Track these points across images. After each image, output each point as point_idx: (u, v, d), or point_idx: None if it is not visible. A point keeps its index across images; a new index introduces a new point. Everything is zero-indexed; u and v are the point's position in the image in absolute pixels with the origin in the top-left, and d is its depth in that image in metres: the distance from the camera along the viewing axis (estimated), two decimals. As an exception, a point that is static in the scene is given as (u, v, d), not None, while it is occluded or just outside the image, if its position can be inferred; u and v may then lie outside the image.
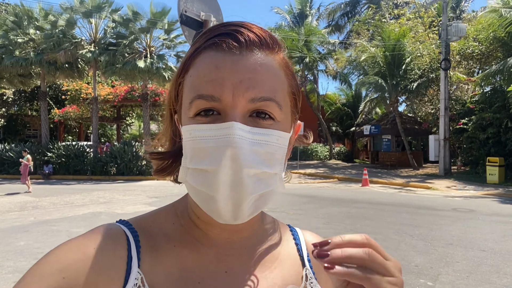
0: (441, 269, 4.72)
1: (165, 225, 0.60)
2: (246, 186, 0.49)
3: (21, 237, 6.29)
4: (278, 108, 0.52)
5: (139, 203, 9.96)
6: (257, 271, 0.60)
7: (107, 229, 0.55)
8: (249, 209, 0.51)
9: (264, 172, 0.51)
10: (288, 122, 0.57)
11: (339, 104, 31.20)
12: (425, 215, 8.41)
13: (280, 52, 0.56)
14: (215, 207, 0.50)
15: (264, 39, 0.54)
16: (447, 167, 17.90)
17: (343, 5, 33.81)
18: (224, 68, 0.50)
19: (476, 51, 19.04)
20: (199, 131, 0.51)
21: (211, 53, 0.52)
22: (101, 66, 18.11)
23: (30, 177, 13.51)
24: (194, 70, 0.53)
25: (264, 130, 0.51)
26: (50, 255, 0.51)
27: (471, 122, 17.24)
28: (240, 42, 0.51)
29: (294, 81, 0.58)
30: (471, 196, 11.88)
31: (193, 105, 0.51)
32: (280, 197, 10.97)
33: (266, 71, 0.52)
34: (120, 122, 30.67)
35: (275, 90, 0.53)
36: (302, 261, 0.66)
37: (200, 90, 0.51)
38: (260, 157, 0.51)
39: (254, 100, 0.50)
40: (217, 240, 0.60)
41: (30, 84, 22.17)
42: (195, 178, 0.51)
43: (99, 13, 18.04)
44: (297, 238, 0.70)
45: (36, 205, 9.63)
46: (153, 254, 0.55)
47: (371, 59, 20.36)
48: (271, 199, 0.55)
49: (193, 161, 0.51)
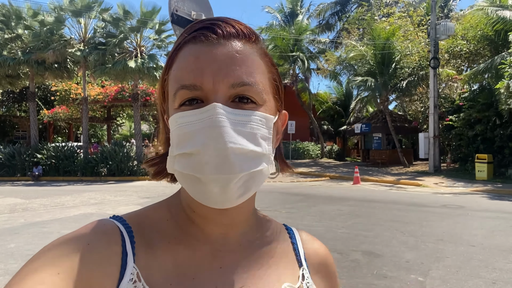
0: (431, 264, 4.78)
1: (159, 221, 0.60)
2: (233, 164, 0.49)
3: (11, 239, 6.22)
4: (259, 93, 0.53)
5: (131, 203, 9.91)
6: (252, 268, 0.60)
7: (101, 225, 0.55)
8: (238, 190, 0.51)
9: (251, 150, 0.51)
10: (272, 107, 0.57)
11: (330, 103, 31.34)
12: (415, 211, 8.51)
13: (258, 42, 0.57)
14: (203, 189, 0.51)
15: (241, 30, 0.55)
16: (436, 164, 18.11)
17: (333, 4, 33.98)
18: (203, 57, 0.52)
19: (465, 50, 19.28)
20: (183, 118, 0.52)
21: (190, 46, 0.54)
22: (91, 66, 17.93)
23: (20, 178, 13.34)
24: (176, 64, 0.55)
25: (245, 111, 0.52)
26: (44, 250, 0.50)
27: (459, 119, 17.43)
28: (217, 33, 0.53)
29: (274, 68, 0.59)
30: (461, 193, 12.04)
31: (177, 96, 0.53)
32: (272, 195, 11.00)
33: (245, 58, 0.53)
34: (110, 123, 30.42)
35: (254, 75, 0.54)
36: (298, 260, 0.66)
37: (183, 80, 0.52)
38: (245, 136, 0.51)
39: (234, 86, 0.51)
40: (212, 236, 0.59)
41: (18, 84, 21.84)
42: (181, 163, 0.52)
43: (88, 12, 17.87)
44: (293, 237, 0.70)
45: (26, 207, 9.52)
46: (148, 249, 0.55)
47: (360, 57, 20.48)
48: (262, 180, 0.55)
49: (179, 146, 0.52)
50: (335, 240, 5.94)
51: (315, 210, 8.65)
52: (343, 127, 29.32)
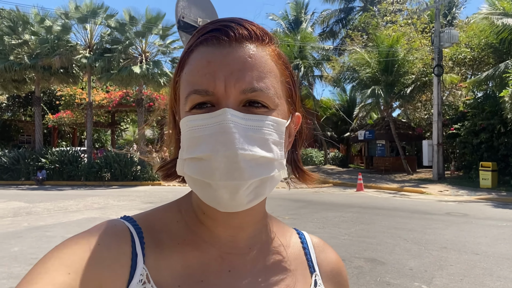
0: (435, 272, 4.75)
1: (169, 223, 0.60)
2: (242, 171, 0.48)
3: (15, 243, 6.24)
4: (271, 97, 0.53)
5: (134, 208, 9.92)
6: (261, 273, 0.59)
7: (112, 225, 0.55)
8: (248, 196, 0.51)
9: (262, 157, 0.50)
10: (284, 111, 0.57)
11: (334, 109, 31.32)
12: (419, 219, 8.46)
13: (271, 44, 0.57)
14: (213, 194, 0.50)
15: (254, 32, 0.54)
16: (440, 172, 18.02)
17: (338, 12, 34.11)
18: (215, 62, 0.52)
19: (468, 57, 19.26)
20: (194, 121, 0.51)
21: (202, 49, 0.53)
22: (96, 71, 18.07)
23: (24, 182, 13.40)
24: (188, 67, 0.54)
25: (257, 116, 0.51)
26: (55, 250, 0.50)
27: (463, 127, 17.39)
28: (229, 36, 0.52)
29: (288, 71, 0.59)
30: (465, 201, 11.97)
31: (188, 100, 0.52)
32: (275, 202, 10.98)
33: (256, 62, 0.53)
34: (114, 128, 30.54)
35: (266, 80, 0.53)
36: (310, 266, 0.65)
37: (194, 85, 0.52)
38: (255, 142, 0.50)
39: (245, 91, 0.51)
40: (221, 238, 0.59)
41: (24, 89, 22.04)
42: (191, 168, 0.51)
43: (94, 18, 18.04)
44: (305, 242, 0.69)
45: (30, 211, 9.56)
46: (157, 250, 0.55)
47: (363, 62, 20.49)
48: (273, 186, 0.54)
49: (189, 150, 0.52)
50: (338, 247, 5.92)
51: (318, 217, 8.63)
52: (347, 133, 29.26)
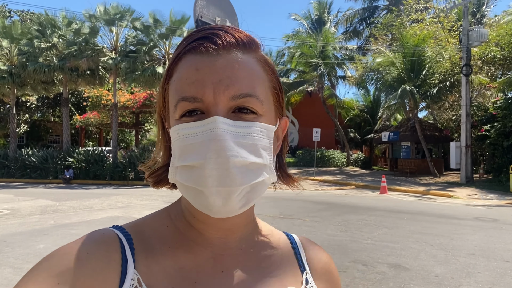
0: (462, 279, 4.57)
1: (159, 228, 0.60)
2: (234, 177, 0.50)
3: (41, 240, 6.42)
4: (259, 103, 0.54)
5: (156, 208, 10.00)
6: (254, 272, 0.60)
7: (100, 234, 0.56)
8: (240, 201, 0.52)
9: (252, 163, 0.52)
10: (272, 116, 0.58)
11: (357, 110, 30.91)
12: (445, 224, 8.20)
13: (258, 50, 0.58)
14: (206, 201, 0.51)
15: (241, 39, 0.55)
16: (469, 175, 17.46)
17: (362, 11, 33.64)
18: (203, 69, 0.52)
19: (498, 56, 18.59)
20: (184, 129, 0.52)
21: (190, 57, 0.54)
22: (121, 73, 18.47)
23: (52, 180, 13.81)
24: (176, 75, 0.55)
25: (246, 123, 0.53)
26: (44, 261, 0.50)
27: (493, 128, 16.80)
28: (217, 43, 0.53)
29: (275, 77, 0.60)
30: (494, 205, 11.54)
31: (177, 107, 0.53)
32: (297, 203, 10.89)
33: (244, 68, 0.54)
34: (138, 128, 31.12)
35: (255, 86, 0.54)
36: (300, 265, 0.66)
37: (183, 92, 0.53)
38: (245, 148, 0.51)
39: (234, 98, 0.52)
40: (213, 240, 0.60)
41: (53, 90, 22.77)
42: (183, 175, 0.52)
43: (120, 21, 18.44)
44: (294, 242, 0.70)
45: (56, 209, 9.83)
46: (149, 255, 0.56)
47: (388, 63, 20.10)
48: (263, 190, 0.56)
49: (181, 158, 0.53)
50: (360, 251, 5.80)
51: (340, 220, 8.49)
52: (370, 135, 28.80)
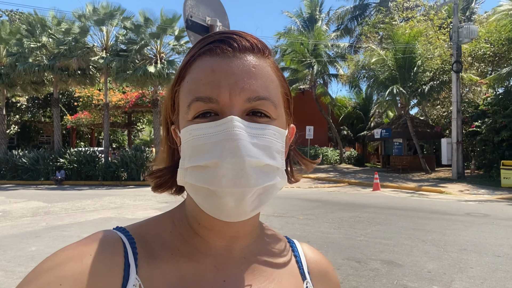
0: (454, 275, 4.62)
1: (162, 233, 0.59)
2: (249, 177, 0.49)
3: (32, 242, 6.35)
4: (273, 107, 0.54)
5: (150, 208, 10.00)
6: (256, 282, 0.59)
7: (104, 236, 0.55)
8: (252, 203, 0.51)
9: (267, 164, 0.51)
10: (283, 121, 0.58)
11: (350, 107, 31.02)
12: (438, 219, 8.27)
13: (270, 57, 0.58)
14: (218, 203, 0.50)
15: (256, 45, 0.56)
16: (460, 170, 17.63)
17: (353, 9, 33.70)
18: (219, 70, 0.52)
19: (488, 53, 18.77)
20: (198, 130, 0.51)
21: (206, 58, 0.54)
22: (112, 72, 18.33)
23: (43, 182, 13.68)
24: (190, 76, 0.54)
25: (261, 125, 0.52)
26: (47, 262, 0.50)
27: (484, 124, 16.97)
28: (233, 46, 0.54)
29: (285, 83, 0.60)
30: (485, 200, 11.66)
31: (191, 108, 0.52)
32: (290, 202, 10.91)
33: (260, 72, 0.54)
34: (131, 128, 30.95)
35: (270, 90, 0.54)
36: (301, 274, 0.66)
37: (198, 92, 0.52)
38: (260, 150, 0.51)
39: (250, 100, 0.52)
40: (216, 248, 0.59)
41: (43, 91, 22.55)
42: (194, 176, 0.51)
43: (111, 20, 18.28)
44: (296, 250, 0.70)
45: (48, 211, 9.74)
46: (151, 261, 0.55)
47: (380, 62, 20.20)
48: (274, 194, 0.55)
49: (192, 159, 0.52)
50: (353, 248, 5.82)
51: (333, 217, 8.52)
52: (363, 132, 28.94)
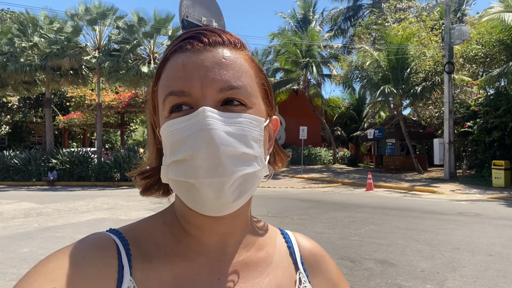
0: (447, 274, 4.66)
1: (155, 234, 0.60)
2: (225, 166, 0.49)
3: (25, 244, 6.29)
4: (247, 95, 0.54)
5: (143, 209, 9.96)
6: (250, 277, 0.60)
7: (97, 238, 0.55)
8: (233, 194, 0.50)
9: (243, 153, 0.51)
10: (262, 111, 0.58)
11: (343, 108, 31.14)
12: (430, 219, 8.33)
13: (243, 49, 0.59)
14: (197, 195, 0.50)
15: (227, 39, 0.57)
16: (452, 170, 17.78)
17: (346, 10, 33.85)
18: (190, 64, 0.53)
19: (480, 54, 18.96)
20: (174, 125, 0.52)
21: (177, 55, 0.55)
22: (105, 72, 18.21)
23: (35, 183, 13.54)
24: (164, 74, 0.55)
25: (235, 114, 0.52)
26: (40, 265, 0.50)
27: (476, 125, 17.13)
28: (203, 41, 0.54)
29: (262, 74, 0.60)
30: (477, 200, 11.78)
31: (165, 103, 0.53)
32: (284, 202, 10.92)
33: (232, 63, 0.54)
34: (124, 128, 30.77)
35: (242, 79, 0.54)
36: (295, 264, 0.66)
37: (171, 87, 0.53)
38: (236, 138, 0.51)
39: (222, 90, 0.52)
40: (209, 246, 0.59)
41: (35, 91, 22.31)
42: (175, 171, 0.51)
43: (103, 20, 18.16)
44: (289, 241, 0.70)
45: (40, 212, 9.65)
46: (145, 262, 0.55)
47: (375, 63, 20.30)
48: (256, 183, 0.54)
49: (172, 154, 0.52)
50: (348, 248, 5.85)
51: (327, 217, 8.55)
52: (356, 132, 29.07)
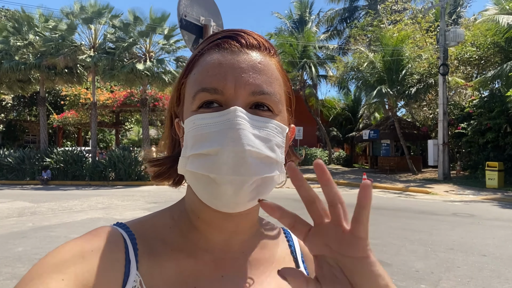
0: (442, 274, 4.69)
1: (162, 229, 0.60)
2: (249, 166, 0.49)
3: (19, 243, 6.25)
4: (276, 102, 0.55)
5: (138, 208, 9.92)
6: (253, 276, 0.60)
7: (105, 232, 0.56)
8: (250, 194, 0.51)
9: (267, 156, 0.52)
10: (285, 118, 0.59)
11: (339, 109, 31.23)
12: (425, 220, 8.39)
13: (276, 56, 0.60)
14: (216, 190, 0.51)
15: (262, 43, 0.58)
16: (446, 171, 17.89)
17: (342, 11, 33.97)
18: (226, 64, 0.54)
19: (474, 56, 19.10)
20: (202, 120, 0.52)
21: (213, 53, 0.56)
22: (100, 71, 18.12)
23: (29, 182, 13.44)
24: (197, 69, 0.56)
25: (263, 118, 0.53)
26: (49, 257, 0.50)
27: (470, 126, 17.25)
28: (241, 43, 0.56)
29: (289, 83, 0.62)
30: (471, 201, 11.86)
31: (196, 98, 0.54)
32: (279, 202, 10.85)
33: (265, 69, 0.56)
34: (119, 127, 30.62)
35: (273, 86, 0.56)
36: (296, 262, 0.67)
37: (204, 83, 0.53)
38: (261, 141, 0.52)
39: (254, 93, 0.53)
40: (215, 244, 0.60)
41: (29, 89, 22.15)
42: (196, 164, 0.52)
43: (99, 18, 18.07)
44: (291, 240, 0.71)
45: (34, 211, 9.58)
46: (151, 257, 0.56)
47: (370, 65, 20.38)
48: (272, 187, 0.55)
49: (194, 147, 0.52)
50: (343, 248, 5.87)
51: (323, 217, 8.57)
52: (352, 133, 29.15)
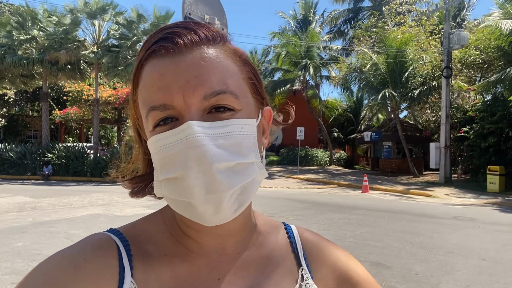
0: (441, 277, 4.68)
1: (155, 234, 0.59)
2: (220, 183, 0.47)
3: (19, 238, 6.26)
4: (234, 98, 0.50)
5: (138, 205, 9.92)
6: (251, 277, 0.59)
7: (97, 239, 0.54)
8: (232, 206, 0.49)
9: (238, 163, 0.49)
10: (252, 109, 0.55)
11: (340, 110, 31.20)
12: (425, 223, 8.37)
13: (225, 43, 0.54)
14: (196, 212, 0.49)
15: (204, 34, 0.52)
16: (447, 175, 17.86)
17: (346, 12, 33.91)
18: (167, 73, 0.49)
19: (478, 60, 19.05)
20: (160, 141, 0.49)
21: (152, 62, 0.50)
22: (104, 67, 18.14)
23: (30, 177, 13.46)
24: (142, 83, 0.52)
25: (224, 122, 0.49)
26: (39, 268, 0.49)
27: (472, 130, 17.22)
28: (178, 43, 0.50)
29: (248, 66, 0.56)
30: (472, 205, 11.84)
31: (149, 118, 0.50)
32: (280, 202, 10.93)
33: (212, 65, 0.50)
34: (121, 124, 30.64)
35: (226, 81, 0.50)
36: (297, 260, 0.64)
37: (151, 101, 0.49)
38: (228, 149, 0.49)
39: (206, 97, 0.49)
40: (209, 247, 0.58)
41: (32, 84, 22.17)
42: (169, 189, 0.50)
43: (102, 15, 18.09)
44: (292, 236, 0.68)
45: (35, 206, 9.60)
46: (145, 263, 0.54)
47: (373, 67, 20.34)
48: (255, 189, 0.53)
49: (163, 171, 0.50)
50: (342, 249, 5.86)
51: (323, 218, 8.56)
52: (353, 134, 29.12)
